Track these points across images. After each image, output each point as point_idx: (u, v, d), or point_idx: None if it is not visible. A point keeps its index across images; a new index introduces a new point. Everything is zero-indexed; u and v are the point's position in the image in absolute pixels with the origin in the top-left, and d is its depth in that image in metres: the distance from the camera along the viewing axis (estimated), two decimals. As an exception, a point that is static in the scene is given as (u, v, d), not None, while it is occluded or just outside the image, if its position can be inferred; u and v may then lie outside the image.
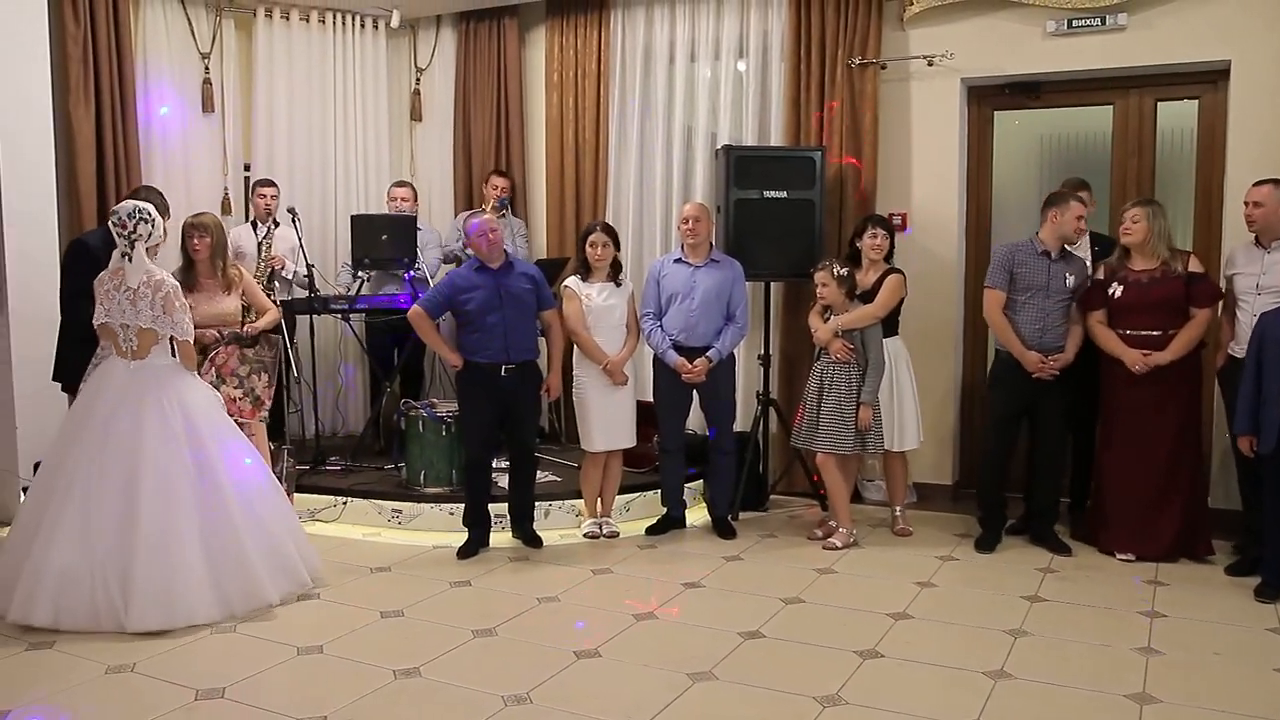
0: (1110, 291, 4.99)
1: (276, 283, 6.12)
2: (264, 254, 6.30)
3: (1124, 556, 4.95)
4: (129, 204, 4.41)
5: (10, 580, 4.12)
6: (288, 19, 7.05)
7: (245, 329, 5.24)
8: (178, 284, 4.41)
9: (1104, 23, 5.60)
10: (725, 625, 4.15)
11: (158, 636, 3.97)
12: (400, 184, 6.91)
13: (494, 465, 5.34)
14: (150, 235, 4.36)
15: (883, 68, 6.05)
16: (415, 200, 6.89)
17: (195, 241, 5.08)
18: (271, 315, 5.33)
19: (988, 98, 6.17)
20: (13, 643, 3.93)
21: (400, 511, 5.62)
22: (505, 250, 5.23)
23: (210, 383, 5.00)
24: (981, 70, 5.95)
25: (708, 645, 3.94)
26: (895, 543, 5.36)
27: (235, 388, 5.20)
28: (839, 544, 5.21)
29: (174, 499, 4.14)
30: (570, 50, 6.90)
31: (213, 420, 4.42)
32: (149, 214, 4.36)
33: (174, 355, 4.39)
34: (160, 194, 5.41)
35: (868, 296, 5.33)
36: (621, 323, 5.35)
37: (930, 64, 5.98)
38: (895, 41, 6.09)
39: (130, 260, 4.31)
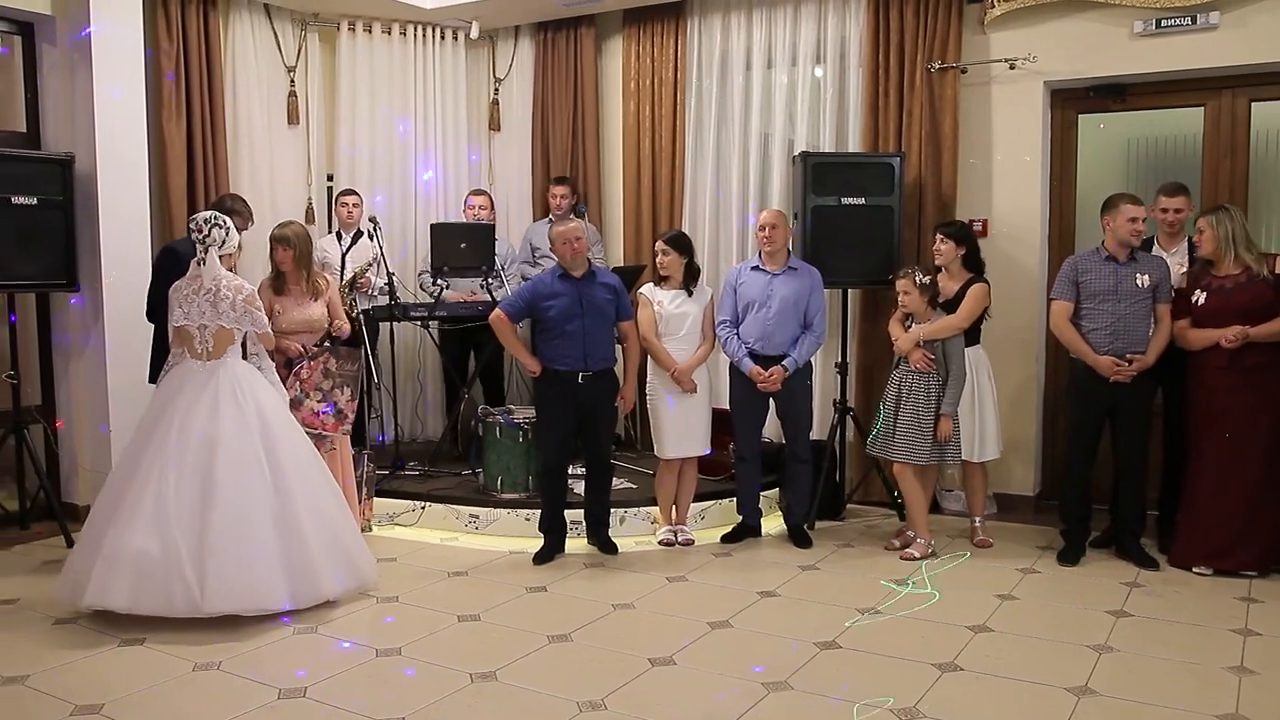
0: (1194, 299, 4.88)
1: (356, 293, 6.23)
2: (355, 269, 6.38)
3: (1201, 570, 4.81)
4: (208, 211, 4.59)
5: (84, 570, 4.25)
6: (370, 32, 7.20)
7: (331, 328, 5.35)
8: (253, 288, 4.60)
9: (1194, 21, 5.44)
10: (801, 635, 4.11)
11: (239, 634, 4.08)
12: (477, 192, 7.00)
13: (570, 472, 5.38)
14: (224, 242, 4.51)
15: (963, 72, 5.96)
16: (492, 209, 6.97)
17: (279, 253, 5.23)
18: (346, 329, 5.45)
19: (1071, 101, 6.05)
20: (106, 639, 4.07)
21: (477, 517, 5.68)
22: (589, 259, 5.26)
23: (294, 397, 5.14)
24: (1065, 73, 5.84)
25: (784, 655, 3.91)
26: (975, 554, 5.26)
27: (319, 401, 5.32)
28: (917, 554, 5.14)
29: (248, 488, 4.28)
30: (647, 58, 6.92)
31: (281, 419, 4.56)
32: (223, 221, 4.53)
33: (245, 356, 4.58)
34: (243, 201, 5.60)
35: (950, 305, 5.25)
36: (694, 330, 5.34)
37: (1012, 67, 5.88)
38: (976, 45, 6.00)
39: (204, 264, 4.48)
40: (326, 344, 5.34)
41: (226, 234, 4.52)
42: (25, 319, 5.84)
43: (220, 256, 4.51)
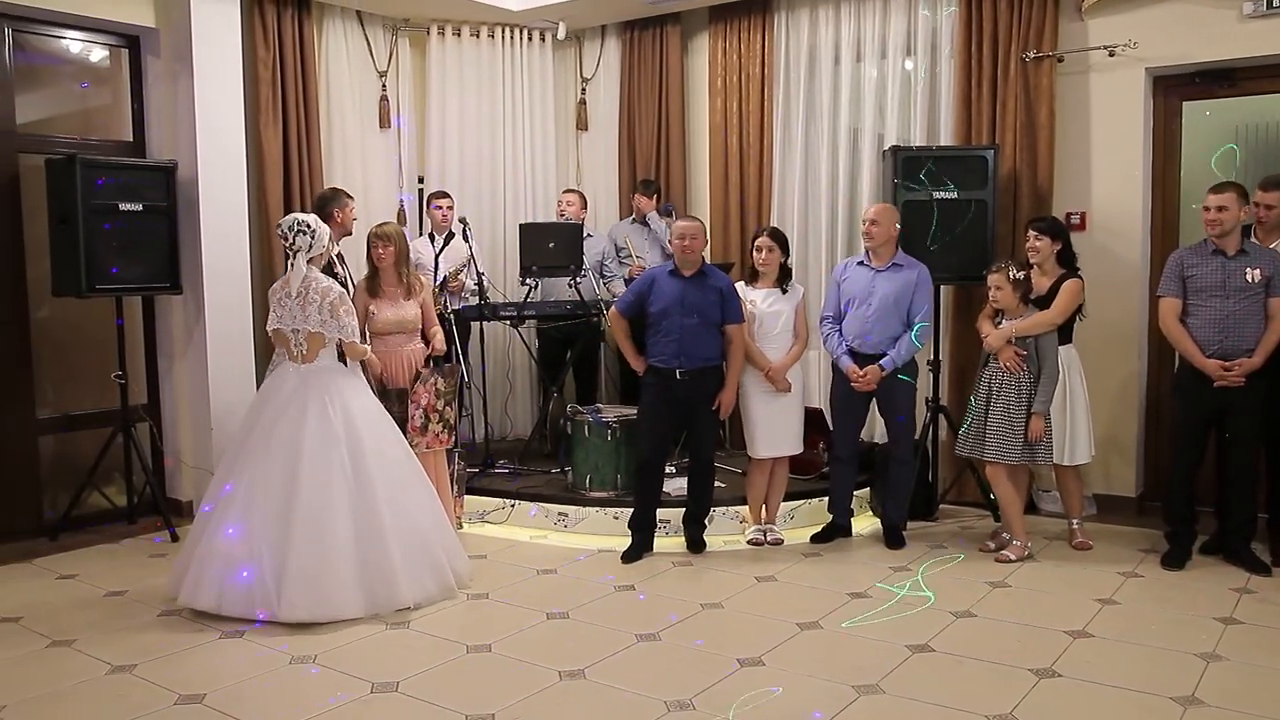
0: None
1: (447, 294, 6.31)
2: (449, 272, 6.48)
3: None
4: (290, 217, 4.64)
5: (183, 567, 4.45)
6: (459, 35, 7.29)
7: (432, 350, 5.44)
8: (343, 290, 4.61)
9: (1309, 1, 5.21)
10: (892, 637, 4.05)
11: (335, 628, 4.16)
12: (568, 191, 7.05)
13: (665, 471, 5.36)
14: (311, 246, 4.56)
15: (1060, 60, 5.80)
16: (583, 206, 7.00)
17: (380, 250, 5.31)
18: (440, 334, 5.52)
19: (1175, 88, 5.84)
20: (208, 631, 4.19)
21: (566, 515, 5.72)
22: (703, 259, 5.22)
23: (419, 425, 5.27)
24: (1168, 59, 5.64)
25: (874, 657, 3.85)
26: (1073, 557, 5.12)
27: (437, 422, 5.42)
28: (1013, 556, 5.02)
29: (329, 497, 4.31)
30: (734, 55, 6.89)
31: (372, 425, 4.55)
32: (307, 226, 4.57)
33: (342, 360, 4.61)
34: (342, 192, 5.78)
35: (1043, 301, 5.11)
36: (786, 329, 5.29)
37: (1111, 54, 5.70)
38: (1073, 33, 5.83)
39: (293, 268, 4.57)
40: (431, 365, 5.44)
41: (312, 238, 4.56)
42: (132, 321, 6.05)
43: (310, 259, 4.58)
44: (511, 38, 7.41)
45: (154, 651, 4.00)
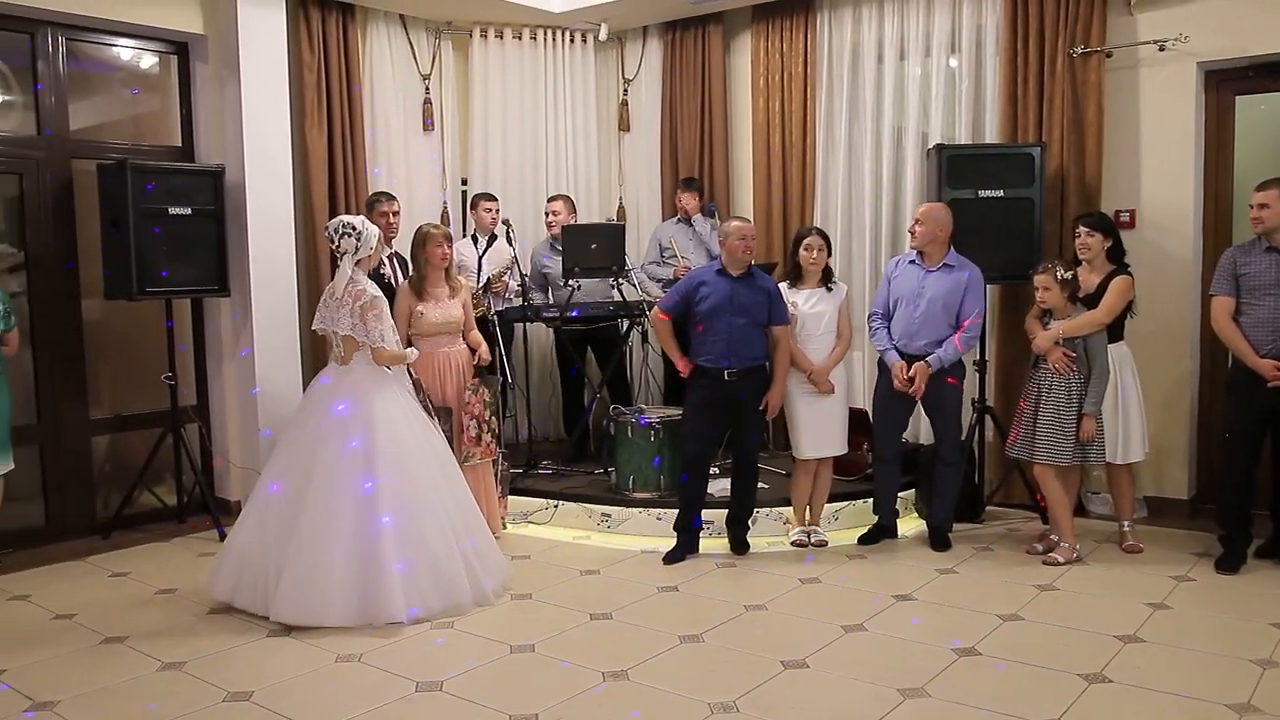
0: None
1: (490, 295, 6.34)
2: (492, 274, 6.51)
3: None
4: (336, 219, 4.68)
5: (218, 561, 4.60)
6: (501, 38, 7.32)
7: (479, 359, 5.48)
8: (379, 296, 4.58)
9: (1368, -8, 5.10)
10: (938, 640, 4.01)
11: (380, 628, 4.20)
12: (554, 198, 6.97)
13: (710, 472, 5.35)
14: (357, 248, 4.59)
15: (1108, 56, 5.72)
16: (571, 211, 6.91)
17: (443, 249, 5.37)
18: (484, 343, 5.57)
19: (1228, 82, 5.73)
20: (255, 629, 4.24)
21: (609, 515, 5.72)
22: (751, 261, 5.19)
23: (474, 436, 5.33)
24: (1221, 52, 5.53)
25: (920, 660, 3.82)
26: (1124, 560, 5.03)
27: (486, 432, 5.47)
28: (1061, 559, 4.95)
29: (334, 502, 4.28)
30: (776, 54, 6.86)
31: (394, 432, 4.46)
32: (352, 228, 4.59)
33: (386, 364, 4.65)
34: (378, 194, 5.92)
35: (1091, 300, 5.03)
36: (830, 330, 5.25)
37: (1161, 49, 5.60)
38: (1122, 27, 5.74)
39: (338, 271, 4.62)
40: (478, 377, 5.49)
41: (358, 240, 4.58)
42: (181, 323, 6.15)
43: (358, 261, 4.61)
44: (554, 39, 7.43)
45: (203, 649, 4.06)
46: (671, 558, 5.15)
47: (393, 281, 5.75)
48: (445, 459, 4.71)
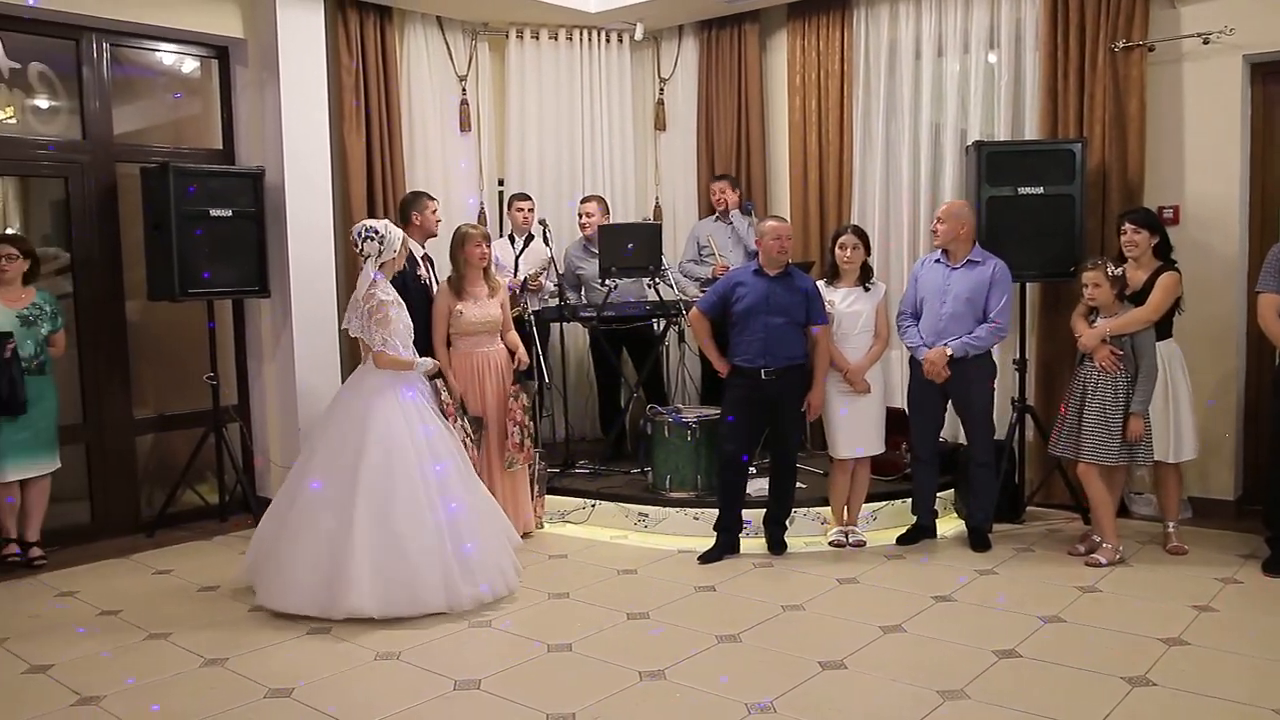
0: None
1: (527, 295, 6.36)
2: (529, 274, 6.54)
3: None
4: (361, 223, 4.74)
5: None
6: (537, 38, 7.34)
7: (518, 363, 5.52)
8: (388, 301, 4.61)
9: None
10: (978, 642, 3.97)
11: (418, 625, 4.23)
12: (587, 199, 6.97)
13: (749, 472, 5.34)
14: (380, 252, 4.64)
15: (1151, 49, 5.64)
16: (605, 212, 6.93)
17: (484, 249, 5.42)
18: (522, 346, 5.59)
19: (1275, 75, 5.62)
20: (295, 626, 4.28)
21: (646, 515, 5.72)
22: (788, 259, 5.18)
23: (518, 442, 5.39)
24: (1269, 44, 5.43)
25: (959, 662, 3.78)
26: (1168, 561, 4.96)
27: (527, 436, 5.50)
28: (1104, 560, 4.88)
29: (314, 496, 4.47)
30: (812, 52, 6.83)
31: (384, 434, 4.47)
32: (375, 231, 4.65)
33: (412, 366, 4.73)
34: (424, 195, 5.97)
35: (1138, 297, 4.96)
36: (866, 329, 5.22)
37: (1206, 42, 5.52)
38: (1165, 20, 5.66)
39: (361, 274, 4.68)
40: (517, 383, 5.52)
41: (380, 243, 4.63)
42: (222, 324, 6.22)
43: (381, 264, 4.65)
44: (589, 39, 7.44)
45: (244, 645, 4.11)
46: (708, 557, 5.14)
47: (431, 284, 5.78)
48: (451, 464, 4.62)
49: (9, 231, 5.62)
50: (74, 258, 5.77)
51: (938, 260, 5.24)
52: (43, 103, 5.74)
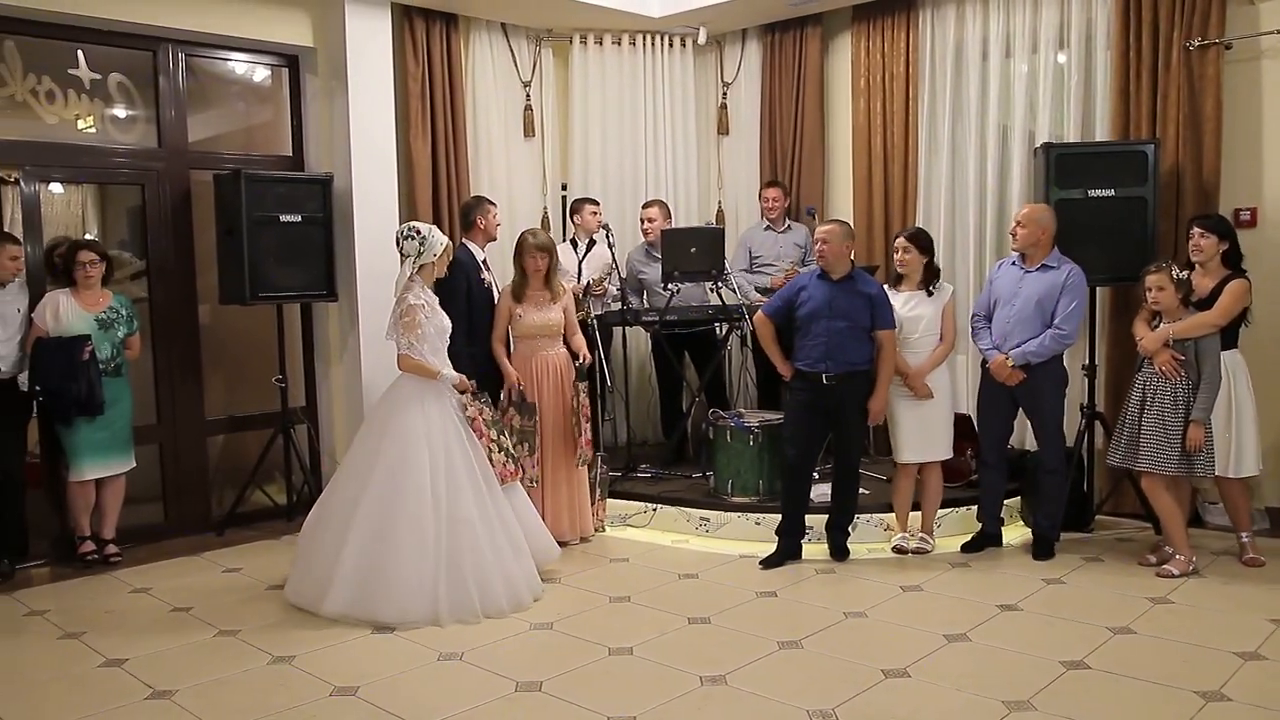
0: None
1: (590, 299, 6.39)
2: (592, 279, 6.57)
3: None
4: (405, 225, 4.80)
5: None
6: (601, 44, 7.38)
7: (579, 362, 5.54)
8: (417, 305, 4.62)
9: None
10: (1045, 653, 3.90)
11: (481, 627, 4.27)
12: (649, 204, 6.97)
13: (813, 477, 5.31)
14: (420, 253, 4.68)
15: (1227, 48, 5.50)
16: (667, 217, 6.92)
17: (538, 259, 5.42)
18: (584, 345, 5.62)
19: (1358, 73, 5.46)
20: (361, 626, 4.34)
21: (708, 520, 5.71)
22: (852, 263, 5.15)
23: (589, 440, 5.46)
24: (1350, 42, 5.28)
25: (1026, 673, 3.72)
26: (1243, 574, 4.83)
27: (583, 435, 5.52)
28: (1176, 571, 4.77)
29: (334, 497, 4.63)
30: (877, 54, 6.77)
31: (399, 441, 4.51)
32: (416, 232, 4.71)
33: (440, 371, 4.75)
34: (485, 199, 6.02)
35: (1204, 305, 4.83)
36: (929, 333, 5.16)
37: (1286, 40, 5.38)
38: (1242, 17, 5.52)
39: (399, 274, 4.73)
40: (578, 380, 5.54)
41: (420, 244, 4.67)
42: (291, 327, 6.33)
43: (420, 266, 4.69)
44: (653, 44, 7.46)
45: (311, 644, 4.18)
46: (770, 562, 5.11)
47: (493, 286, 5.82)
48: (466, 477, 4.58)
49: (88, 237, 5.78)
50: (149, 263, 5.92)
51: (1014, 263, 5.17)
52: (121, 112, 5.91)
